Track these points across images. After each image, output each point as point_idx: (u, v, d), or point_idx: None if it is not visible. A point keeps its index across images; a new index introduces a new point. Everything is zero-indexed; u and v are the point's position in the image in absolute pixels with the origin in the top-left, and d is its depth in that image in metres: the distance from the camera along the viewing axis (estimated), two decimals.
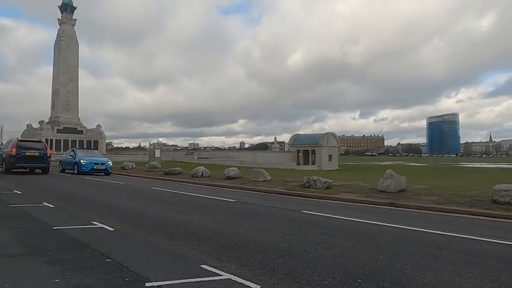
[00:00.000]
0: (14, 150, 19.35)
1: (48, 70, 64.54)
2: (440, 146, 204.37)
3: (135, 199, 10.57)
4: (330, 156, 45.97)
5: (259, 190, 13.10)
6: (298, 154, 47.74)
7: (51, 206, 8.63)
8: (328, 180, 12.65)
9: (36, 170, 20.97)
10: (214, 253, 4.65)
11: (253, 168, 17.92)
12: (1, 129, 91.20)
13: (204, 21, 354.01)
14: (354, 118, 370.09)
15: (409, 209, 9.01)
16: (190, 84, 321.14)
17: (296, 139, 50.00)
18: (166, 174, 19.60)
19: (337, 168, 43.58)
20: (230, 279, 3.68)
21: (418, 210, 8.85)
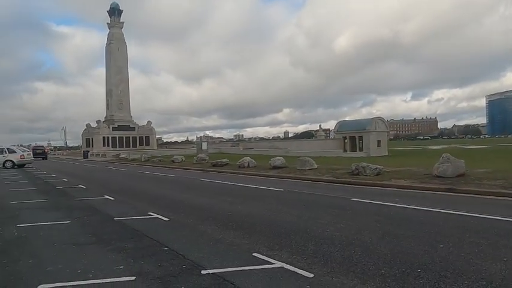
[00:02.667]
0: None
1: (102, 71, 68.92)
2: (503, 126, 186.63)
3: (186, 190, 10.99)
4: (379, 141, 44.18)
5: (306, 179, 12.97)
6: (344, 141, 46.50)
7: (111, 198, 9.27)
8: (378, 166, 12.17)
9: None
10: (265, 242, 4.70)
11: (299, 157, 17.76)
12: (64, 130, 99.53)
13: (247, 11, 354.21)
14: (405, 100, 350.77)
15: (470, 195, 8.39)
16: (235, 76, 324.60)
17: (342, 125, 48.66)
18: (213, 165, 20.13)
19: (386, 154, 41.81)
20: (283, 267, 3.69)
21: (480, 196, 8.21)
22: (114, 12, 68.58)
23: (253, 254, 4.16)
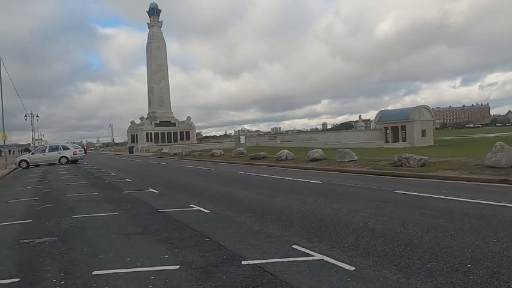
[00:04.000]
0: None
1: (144, 70, 71.99)
2: None
3: (226, 183, 11.21)
4: (423, 131, 42.06)
5: (346, 171, 12.70)
6: (386, 131, 44.80)
7: (156, 191, 9.70)
8: (422, 157, 11.61)
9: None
10: (305, 234, 4.68)
11: (338, 148, 17.40)
12: (111, 127, 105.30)
13: (283, 2, 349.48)
14: (453, 86, 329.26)
15: None
16: (272, 68, 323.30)
17: (383, 115, 46.85)
18: (252, 159, 20.32)
19: (432, 144, 39.73)
20: (323, 259, 3.67)
21: None
22: (153, 12, 70.91)
23: (293, 246, 4.18)
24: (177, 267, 3.69)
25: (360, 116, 66.08)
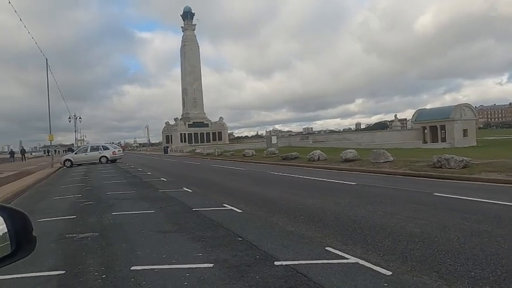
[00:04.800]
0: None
1: (178, 71, 74.12)
2: None
3: (258, 183, 11.26)
4: (465, 131, 39.88)
5: (381, 172, 12.32)
6: (424, 131, 42.97)
7: (190, 190, 9.93)
8: (464, 158, 11.01)
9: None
10: (338, 236, 4.60)
11: (372, 149, 16.91)
12: (147, 128, 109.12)
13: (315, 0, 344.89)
14: (499, 83, 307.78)
15: None
16: (305, 67, 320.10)
17: (421, 114, 44.95)
18: (283, 159, 20.24)
19: (474, 144, 37.58)
20: (358, 263, 3.58)
21: None
22: (187, 15, 72.66)
23: (326, 248, 4.11)
24: (211, 265, 3.75)
25: (395, 116, 63.71)
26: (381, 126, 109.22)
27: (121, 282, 3.43)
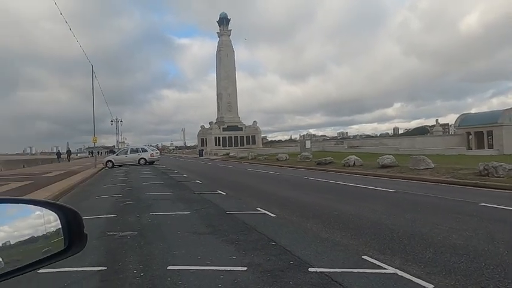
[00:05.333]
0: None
1: (214, 76, 75.87)
2: None
3: (291, 188, 11.18)
4: None
5: (421, 179, 11.78)
6: (468, 137, 40.64)
7: (224, 193, 10.06)
8: None
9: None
10: (375, 245, 4.45)
11: (411, 155, 16.23)
12: (183, 131, 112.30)
13: (353, 1, 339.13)
14: None
15: None
16: (340, 71, 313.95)
17: (465, 119, 42.58)
18: (317, 164, 19.97)
19: None
20: (396, 274, 3.44)
21: None
22: (223, 21, 74.16)
23: (363, 257, 3.99)
24: (245, 268, 3.77)
25: (437, 120, 60.87)
26: (421, 131, 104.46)
27: (158, 281, 3.54)
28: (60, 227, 0.90)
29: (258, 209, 7.29)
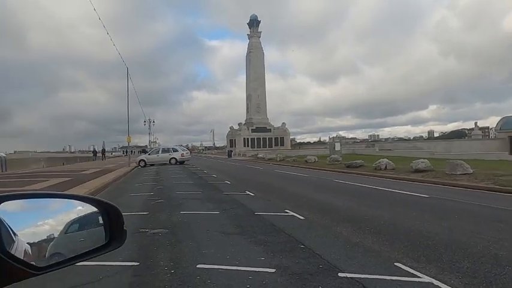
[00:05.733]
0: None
1: (243, 78, 76.58)
2: None
3: (320, 191, 11.02)
4: None
5: (458, 185, 11.22)
6: (511, 141, 38.26)
7: (252, 194, 10.09)
8: None
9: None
10: (409, 252, 4.29)
11: (448, 159, 15.51)
12: (213, 132, 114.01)
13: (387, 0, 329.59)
14: None
15: None
16: (372, 72, 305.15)
17: (508, 122, 40.13)
18: (347, 167, 19.56)
19: None
20: (432, 283, 3.29)
21: None
22: (253, 23, 74.62)
23: (395, 264, 3.86)
24: (273, 270, 3.76)
25: (475, 123, 57.50)
26: (458, 134, 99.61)
27: (188, 279, 3.60)
28: (102, 222, 0.93)
29: (287, 210, 7.25)
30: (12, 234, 0.79)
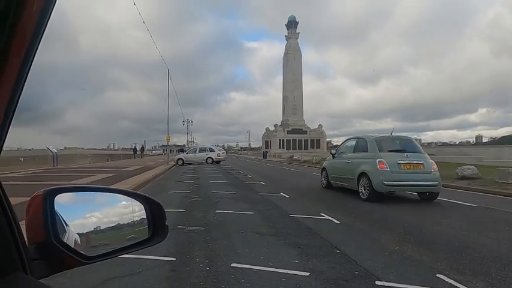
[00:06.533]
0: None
1: (280, 79, 76.48)
2: None
3: (358, 195, 10.70)
4: None
5: (509, 194, 10.42)
6: None
7: (287, 196, 10.04)
8: None
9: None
10: (453, 263, 4.05)
11: (498, 167, 14.44)
12: (249, 133, 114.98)
13: None
14: None
15: None
16: (417, 73, 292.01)
17: None
18: None
19: None
20: None
21: None
22: (291, 24, 74.42)
23: (437, 275, 3.66)
24: (307, 274, 3.71)
25: None
26: (510, 140, 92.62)
27: (222, 277, 3.65)
28: (145, 217, 0.97)
29: (322, 214, 7.13)
30: (65, 225, 0.84)
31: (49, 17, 0.44)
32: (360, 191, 9.33)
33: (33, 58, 0.48)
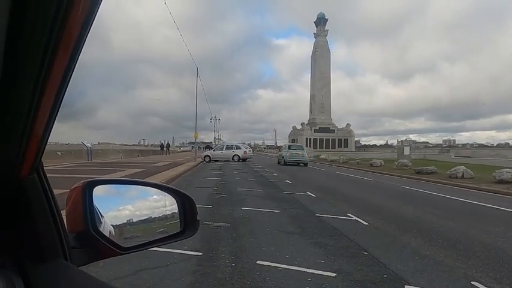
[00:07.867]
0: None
1: (308, 77, 75.72)
2: None
3: (386, 196, 10.44)
4: None
5: None
6: None
7: (313, 195, 9.94)
8: None
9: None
10: (489, 271, 3.85)
11: None
12: (275, 131, 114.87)
13: None
14: None
15: None
16: (454, 70, 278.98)
17: None
18: (417, 173, 18.24)
19: None
20: None
21: None
22: (320, 22, 73.34)
23: (472, 282, 3.49)
24: (334, 275, 3.65)
25: None
26: None
27: (247, 273, 3.67)
28: (177, 211, 0.99)
29: (349, 214, 7.00)
30: (100, 216, 0.87)
31: (95, 15, 0.46)
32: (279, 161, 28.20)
33: (79, 56, 0.49)
